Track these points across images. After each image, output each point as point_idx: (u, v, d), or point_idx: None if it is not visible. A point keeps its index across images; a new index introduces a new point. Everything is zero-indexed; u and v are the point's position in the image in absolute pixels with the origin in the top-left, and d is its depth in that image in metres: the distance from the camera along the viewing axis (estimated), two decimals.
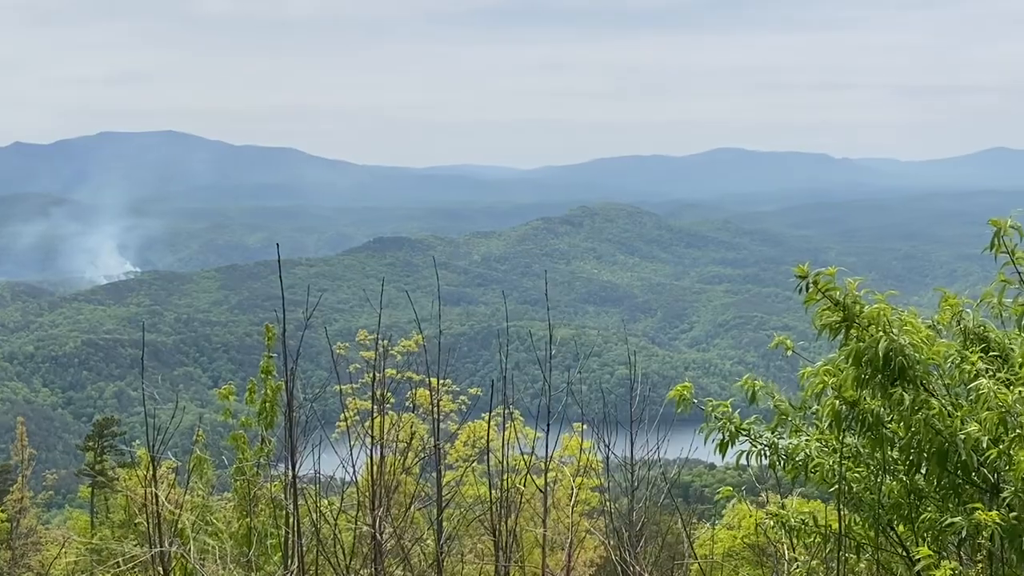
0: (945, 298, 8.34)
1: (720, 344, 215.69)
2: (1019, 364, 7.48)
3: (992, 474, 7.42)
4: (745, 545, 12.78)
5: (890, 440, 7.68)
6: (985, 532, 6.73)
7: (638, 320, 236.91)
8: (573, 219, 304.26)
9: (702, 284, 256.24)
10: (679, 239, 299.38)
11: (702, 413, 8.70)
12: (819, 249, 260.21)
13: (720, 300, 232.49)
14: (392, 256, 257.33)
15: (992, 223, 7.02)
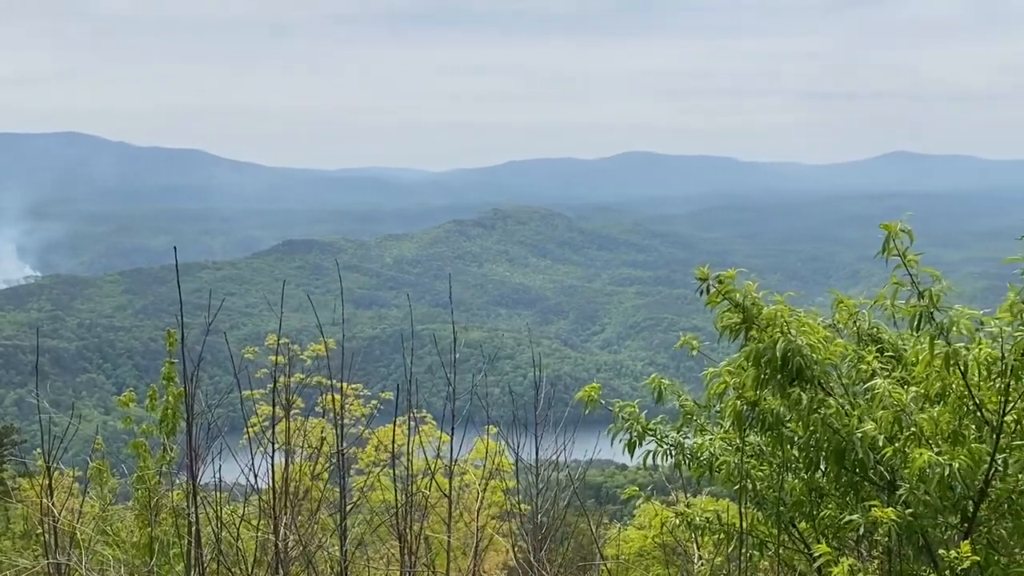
0: (839, 300, 8.53)
1: (631, 345, 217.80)
2: (912, 364, 7.67)
3: (888, 471, 7.60)
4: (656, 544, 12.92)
5: (790, 439, 7.84)
6: (882, 529, 6.89)
7: (550, 322, 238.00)
8: (485, 221, 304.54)
9: (613, 286, 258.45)
10: (590, 241, 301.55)
11: (612, 414, 8.78)
12: (727, 251, 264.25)
13: (631, 302, 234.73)
14: (302, 259, 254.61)
15: (883, 227, 7.19)
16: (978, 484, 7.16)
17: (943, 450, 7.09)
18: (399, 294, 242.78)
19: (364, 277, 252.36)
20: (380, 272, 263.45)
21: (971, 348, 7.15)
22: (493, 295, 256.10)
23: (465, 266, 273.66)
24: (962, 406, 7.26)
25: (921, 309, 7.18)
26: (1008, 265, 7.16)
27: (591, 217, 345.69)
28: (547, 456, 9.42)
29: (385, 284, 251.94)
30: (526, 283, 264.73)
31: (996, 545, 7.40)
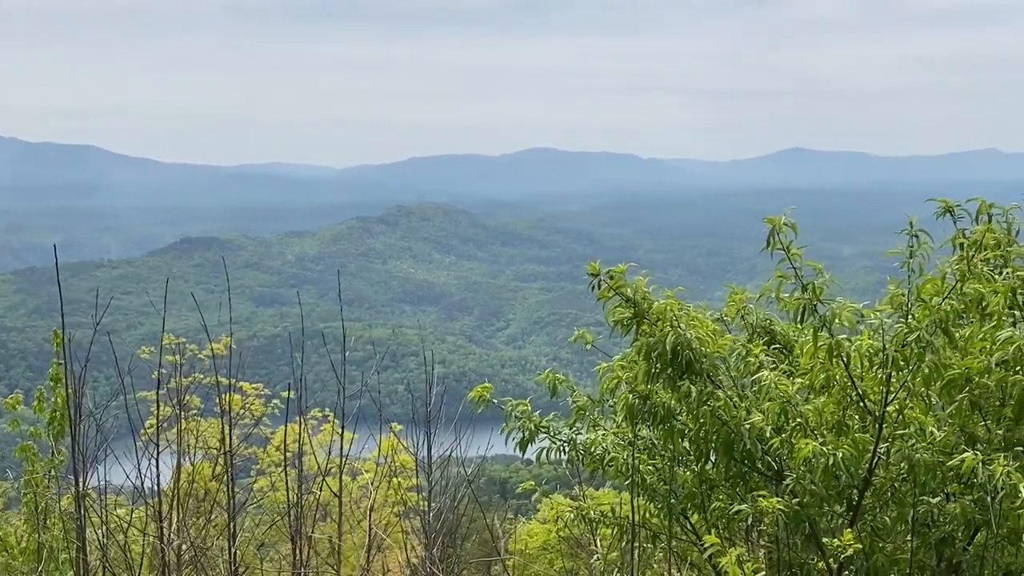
0: (732, 293, 8.69)
1: (536, 341, 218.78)
2: (798, 356, 7.83)
3: (776, 462, 7.75)
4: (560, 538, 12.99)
5: (681, 432, 7.95)
6: (769, 518, 7.02)
7: (455, 319, 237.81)
8: (389, 218, 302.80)
9: (518, 282, 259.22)
10: (494, 238, 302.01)
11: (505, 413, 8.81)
12: (629, 247, 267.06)
13: (535, 297, 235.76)
14: (201, 257, 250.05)
15: (767, 221, 7.33)
16: (862, 473, 7.34)
17: (828, 440, 7.25)
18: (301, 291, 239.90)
19: (265, 275, 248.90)
20: (282, 270, 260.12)
21: (853, 340, 7.32)
22: (397, 292, 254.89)
23: (369, 263, 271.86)
24: (846, 397, 7.43)
25: (804, 302, 7.34)
26: (893, 258, 7.36)
27: (495, 213, 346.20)
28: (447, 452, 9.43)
29: (287, 282, 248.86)
30: (430, 280, 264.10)
31: (880, 532, 7.60)
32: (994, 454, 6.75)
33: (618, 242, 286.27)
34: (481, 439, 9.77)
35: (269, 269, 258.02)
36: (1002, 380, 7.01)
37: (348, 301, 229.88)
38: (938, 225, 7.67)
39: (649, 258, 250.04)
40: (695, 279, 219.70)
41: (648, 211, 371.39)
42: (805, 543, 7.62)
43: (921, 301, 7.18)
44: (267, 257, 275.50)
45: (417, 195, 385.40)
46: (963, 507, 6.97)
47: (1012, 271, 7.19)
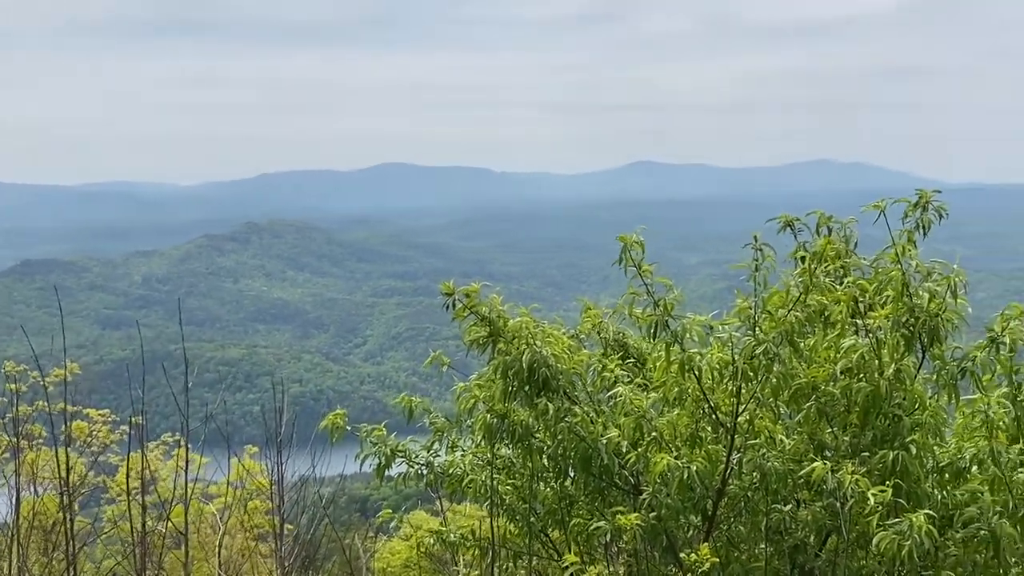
0: (586, 308, 8.73)
1: (395, 356, 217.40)
2: (652, 369, 7.91)
3: (633, 476, 7.80)
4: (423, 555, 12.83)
5: (539, 449, 7.93)
6: (627, 534, 7.05)
7: (311, 336, 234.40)
8: (239, 236, 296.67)
9: (375, 298, 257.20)
10: (350, 254, 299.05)
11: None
12: (486, 260, 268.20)
13: (393, 313, 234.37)
14: (42, 280, 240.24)
15: (620, 239, 7.39)
16: (716, 484, 7.44)
17: (683, 453, 7.34)
18: (150, 313, 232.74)
19: (111, 296, 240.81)
20: (128, 291, 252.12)
21: (704, 353, 7.43)
22: (250, 311, 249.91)
23: (220, 282, 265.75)
24: (699, 409, 7.53)
25: (656, 318, 7.42)
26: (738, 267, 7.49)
27: (350, 229, 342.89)
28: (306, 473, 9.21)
29: (134, 303, 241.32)
30: (284, 298, 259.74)
31: (735, 541, 7.72)
32: (842, 460, 6.93)
33: (474, 255, 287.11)
34: (341, 458, 9.58)
35: (115, 291, 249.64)
36: (847, 387, 7.20)
37: (199, 321, 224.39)
38: (781, 236, 7.85)
39: (505, 271, 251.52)
40: (551, 291, 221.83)
41: (503, 224, 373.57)
42: (663, 556, 7.69)
43: (767, 313, 7.34)
44: (113, 279, 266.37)
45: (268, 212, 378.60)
46: (814, 514, 7.13)
47: (852, 281, 7.41)
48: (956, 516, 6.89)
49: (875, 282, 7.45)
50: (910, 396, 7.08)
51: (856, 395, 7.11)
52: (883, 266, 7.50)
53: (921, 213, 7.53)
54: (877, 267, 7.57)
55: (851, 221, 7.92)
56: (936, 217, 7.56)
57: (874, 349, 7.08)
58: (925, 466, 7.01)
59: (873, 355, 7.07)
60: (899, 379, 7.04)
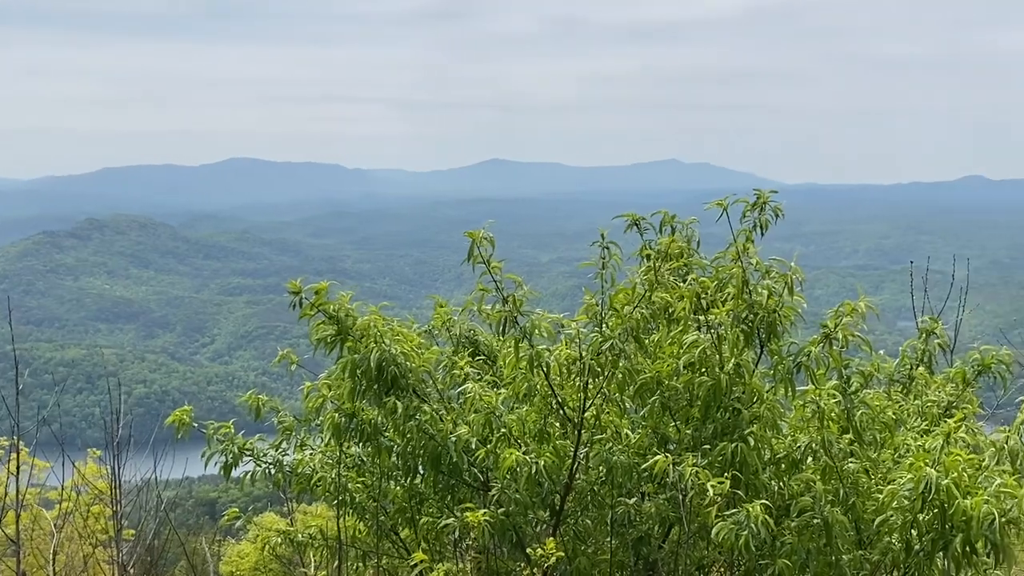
0: (437, 306, 8.73)
1: (243, 356, 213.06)
2: (501, 366, 7.96)
3: (482, 473, 7.84)
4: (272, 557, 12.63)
5: (389, 448, 7.89)
6: (475, 530, 7.08)
7: (156, 336, 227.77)
8: (80, 232, 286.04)
9: (223, 296, 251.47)
10: (196, 251, 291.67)
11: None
12: (337, 257, 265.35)
13: (242, 311, 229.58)
14: None
15: (468, 235, 7.41)
16: (563, 479, 7.54)
17: (531, 448, 7.41)
18: None
19: None
20: None
21: (553, 350, 7.52)
22: (92, 310, 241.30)
23: (59, 280, 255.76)
24: (547, 405, 7.62)
25: (505, 314, 7.47)
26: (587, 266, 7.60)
27: (196, 225, 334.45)
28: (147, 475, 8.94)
29: None
30: (128, 296, 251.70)
31: (582, 535, 7.83)
32: (684, 453, 7.11)
33: (326, 253, 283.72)
34: (189, 460, 9.34)
35: None
36: (689, 382, 7.39)
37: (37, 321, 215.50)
38: (628, 235, 8.01)
39: (357, 269, 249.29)
40: (404, 288, 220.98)
41: (355, 221, 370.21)
42: (512, 551, 7.75)
43: (614, 310, 7.47)
44: None
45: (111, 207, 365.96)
46: (657, 506, 7.30)
47: (694, 279, 7.61)
48: (792, 505, 7.14)
49: (716, 279, 7.66)
50: (749, 390, 7.30)
51: (698, 389, 7.30)
52: (724, 264, 7.71)
53: (759, 213, 7.76)
54: (718, 265, 7.78)
55: (693, 221, 8.13)
56: (773, 217, 7.80)
57: (715, 344, 7.27)
58: (763, 457, 7.23)
59: (714, 350, 7.27)
60: (738, 373, 7.26)
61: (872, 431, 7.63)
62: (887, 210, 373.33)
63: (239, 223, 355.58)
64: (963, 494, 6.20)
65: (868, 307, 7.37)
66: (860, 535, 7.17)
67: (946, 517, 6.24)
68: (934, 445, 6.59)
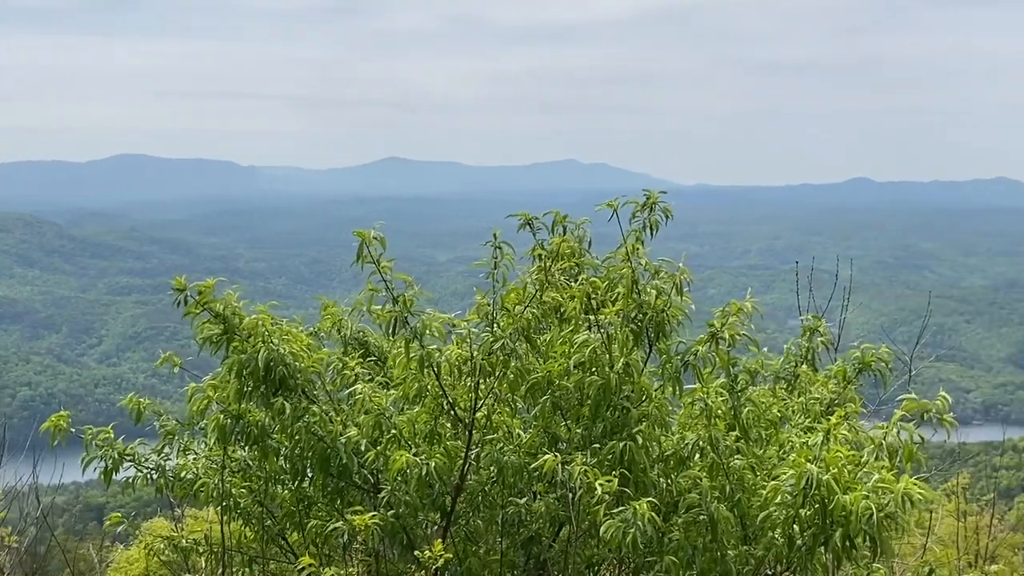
0: (325, 306, 8.62)
1: (132, 357, 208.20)
2: (392, 367, 7.89)
3: (372, 475, 7.76)
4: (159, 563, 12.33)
5: (276, 450, 7.77)
6: (364, 533, 7.00)
7: (41, 337, 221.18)
8: None
9: (111, 296, 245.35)
10: (83, 249, 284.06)
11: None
12: (230, 256, 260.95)
13: (130, 311, 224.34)
14: None
15: (357, 234, 7.33)
16: (454, 480, 7.51)
17: (422, 450, 7.36)
18: None
19: None
20: None
21: (444, 350, 7.49)
22: None
23: None
24: (438, 406, 7.58)
25: (395, 314, 7.41)
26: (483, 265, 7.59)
27: (83, 223, 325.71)
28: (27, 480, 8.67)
29: None
30: (11, 296, 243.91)
31: (473, 536, 7.81)
32: (575, 452, 7.14)
33: (219, 252, 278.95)
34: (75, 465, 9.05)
35: None
36: (580, 381, 7.43)
37: None
38: (522, 234, 8.02)
39: (251, 268, 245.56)
40: (300, 288, 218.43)
41: (249, 219, 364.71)
42: (403, 554, 7.69)
43: (505, 310, 7.48)
44: None
45: None
46: (548, 505, 7.32)
47: (585, 279, 7.65)
48: (680, 502, 7.22)
49: (607, 280, 7.72)
50: (638, 388, 7.36)
51: (588, 388, 7.34)
52: (615, 264, 7.78)
53: (649, 214, 7.84)
54: (609, 265, 7.85)
55: (585, 221, 8.18)
56: (663, 217, 7.89)
57: (605, 344, 7.32)
58: (651, 455, 7.31)
59: (604, 350, 7.32)
60: (628, 372, 7.32)
61: (758, 428, 7.77)
62: (778, 211, 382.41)
63: (128, 221, 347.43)
64: (843, 490, 6.34)
65: (754, 307, 7.50)
66: (745, 531, 7.28)
67: (827, 512, 6.38)
68: (815, 442, 6.73)
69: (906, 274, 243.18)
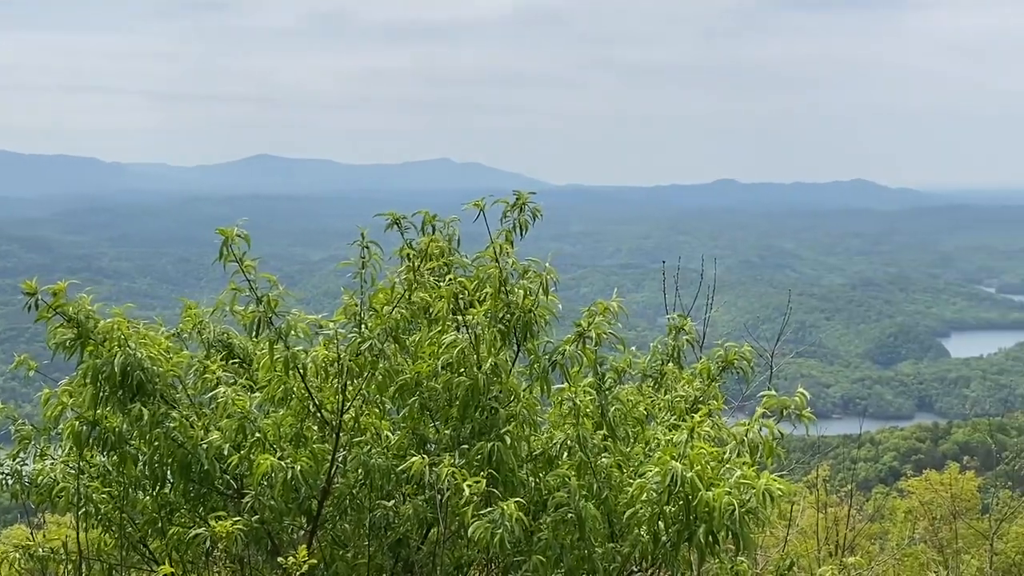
0: (187, 307, 8.39)
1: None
2: (256, 369, 7.74)
3: (236, 480, 7.59)
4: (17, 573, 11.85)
5: (135, 457, 7.54)
6: (225, 540, 6.84)
7: None
8: None
9: None
10: None
11: None
12: (93, 255, 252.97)
13: None
14: None
15: (219, 232, 7.16)
16: (321, 483, 7.40)
17: (287, 453, 7.23)
18: None
19: None
20: None
21: (310, 351, 7.36)
22: None
23: None
24: (304, 408, 7.45)
25: (259, 315, 7.26)
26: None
27: None
28: None
29: None
30: None
31: (340, 540, 7.71)
32: (443, 454, 7.10)
33: (82, 250, 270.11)
34: None
35: None
36: (448, 382, 7.39)
37: None
38: (395, 234, 7.94)
39: (115, 267, 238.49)
40: (167, 288, 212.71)
41: (113, 217, 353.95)
42: (268, 559, 7.54)
43: (373, 310, 7.39)
44: None
45: None
46: (415, 507, 7.26)
47: (453, 278, 7.62)
48: (549, 501, 7.25)
49: (476, 279, 7.70)
50: (506, 389, 7.37)
51: (456, 389, 7.32)
52: (484, 264, 7.77)
53: (518, 214, 7.85)
54: (479, 265, 7.83)
55: (454, 220, 8.14)
56: (532, 218, 7.91)
57: (473, 344, 7.30)
58: (520, 455, 7.32)
59: (472, 350, 7.30)
60: (496, 373, 7.32)
61: (625, 426, 7.86)
62: (648, 211, 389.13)
63: None
64: (706, 486, 6.46)
65: (620, 306, 7.58)
66: (612, 528, 7.36)
67: (690, 509, 6.48)
68: (680, 439, 6.84)
69: (770, 273, 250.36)
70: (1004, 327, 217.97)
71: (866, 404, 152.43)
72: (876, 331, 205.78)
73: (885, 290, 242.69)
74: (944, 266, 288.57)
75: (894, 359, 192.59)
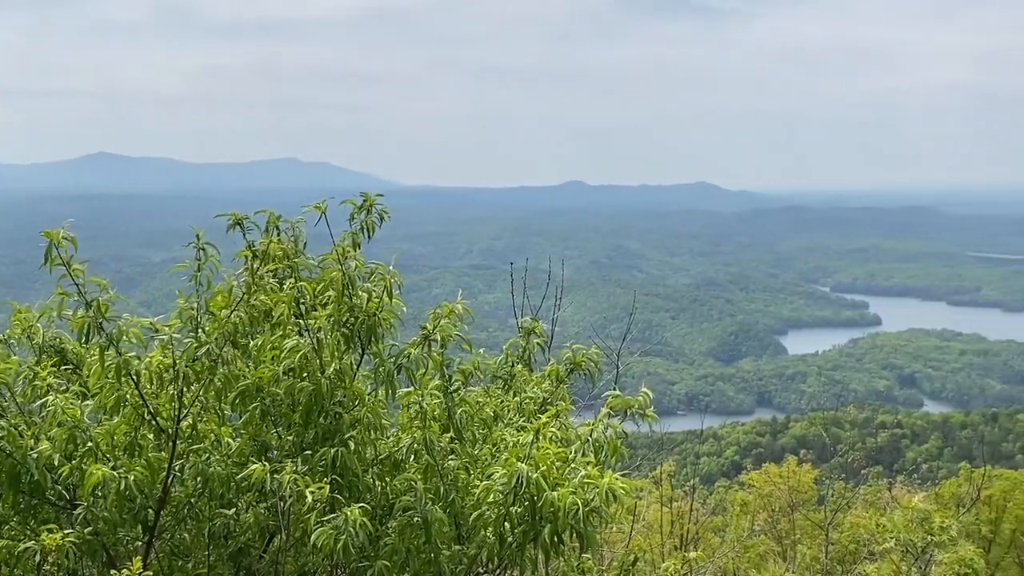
0: (16, 311, 8.00)
1: None
2: (88, 375, 7.42)
3: (68, 491, 7.28)
4: None
5: None
6: (56, 553, 6.54)
7: None
8: None
9: None
10: None
11: None
12: None
13: None
14: None
15: (45, 235, 6.84)
16: (158, 493, 7.15)
17: (121, 462, 6.96)
18: None
19: None
20: None
21: (144, 358, 7.10)
22: None
23: None
24: (138, 416, 7.18)
25: (89, 320, 6.97)
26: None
27: None
28: None
29: None
30: None
31: (179, 550, 7.46)
32: (286, 460, 6.95)
33: None
34: None
35: None
36: (291, 387, 7.23)
37: None
38: (238, 235, 7.70)
39: None
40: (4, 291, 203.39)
41: None
42: (103, 572, 7.24)
43: (211, 314, 7.17)
44: None
45: None
46: (256, 515, 7.09)
47: (296, 281, 7.45)
48: (395, 505, 7.17)
49: (320, 282, 7.55)
50: (350, 393, 7.26)
51: (299, 394, 7.17)
52: (330, 266, 7.62)
53: (365, 215, 7.73)
54: (324, 267, 7.68)
55: (300, 220, 7.96)
56: (379, 220, 7.80)
57: (316, 349, 7.16)
58: (365, 459, 7.22)
59: (315, 354, 7.16)
60: (340, 377, 7.20)
61: (472, 428, 7.84)
62: (498, 212, 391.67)
63: None
64: (551, 487, 6.49)
65: (465, 308, 7.55)
66: (459, 531, 7.33)
67: (536, 509, 6.51)
68: (526, 440, 6.85)
69: (618, 273, 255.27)
70: (838, 324, 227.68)
71: (709, 400, 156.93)
72: (718, 329, 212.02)
73: (727, 289, 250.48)
74: (782, 266, 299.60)
75: (735, 356, 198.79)
